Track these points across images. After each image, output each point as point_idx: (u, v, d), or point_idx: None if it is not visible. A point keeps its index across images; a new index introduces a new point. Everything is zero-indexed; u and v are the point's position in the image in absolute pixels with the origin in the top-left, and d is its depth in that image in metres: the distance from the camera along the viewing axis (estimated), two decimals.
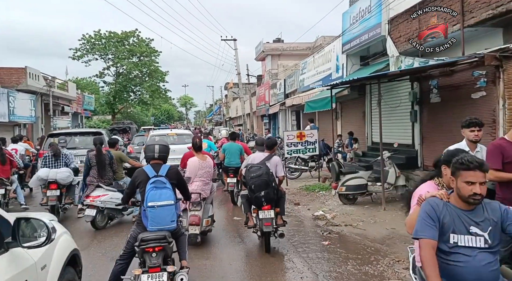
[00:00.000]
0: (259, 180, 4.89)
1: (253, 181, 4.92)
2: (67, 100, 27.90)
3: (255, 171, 4.98)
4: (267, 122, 29.72)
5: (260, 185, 4.88)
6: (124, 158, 7.24)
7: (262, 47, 28.76)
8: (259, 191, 4.87)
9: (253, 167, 5.08)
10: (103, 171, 6.45)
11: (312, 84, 16.25)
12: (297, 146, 10.03)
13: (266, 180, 4.91)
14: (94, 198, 6.20)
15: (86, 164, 6.54)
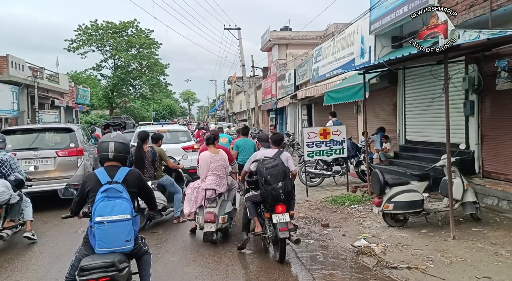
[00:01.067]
0: (275, 170, 4.51)
1: (268, 171, 4.53)
2: (58, 93, 25.90)
3: (270, 162, 4.62)
4: (274, 117, 27.61)
5: (277, 175, 4.48)
6: (164, 157, 6.53)
7: (268, 36, 26.55)
8: (276, 182, 4.45)
9: (267, 160, 4.71)
10: (142, 169, 5.92)
11: (329, 73, 14.11)
12: (320, 146, 7.92)
13: (284, 170, 4.57)
14: None
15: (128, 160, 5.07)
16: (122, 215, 2.69)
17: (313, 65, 16.17)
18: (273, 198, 4.44)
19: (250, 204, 4.82)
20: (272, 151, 5.04)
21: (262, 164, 4.65)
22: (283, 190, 4.42)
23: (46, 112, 19.80)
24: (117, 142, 2.92)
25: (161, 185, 6.34)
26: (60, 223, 6.50)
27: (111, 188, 2.73)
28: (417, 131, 9.72)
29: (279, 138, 5.19)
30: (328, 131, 7.96)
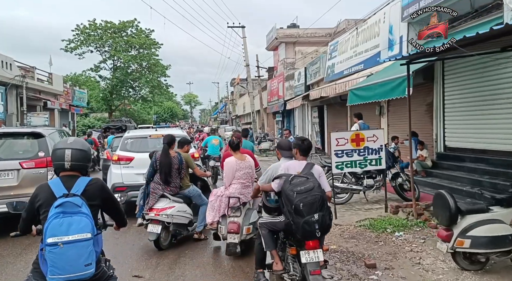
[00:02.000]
0: (310, 197, 3.26)
1: (301, 197, 3.26)
2: (52, 94, 24.40)
3: (303, 184, 3.36)
4: (280, 120, 26.02)
5: (312, 204, 3.24)
6: (191, 164, 5.60)
7: (275, 33, 24.99)
8: (311, 213, 3.23)
9: (297, 178, 3.45)
10: (169, 177, 5.22)
11: (347, 69, 12.53)
12: (351, 155, 6.31)
13: (321, 196, 3.31)
14: (159, 211, 5.07)
15: (151, 167, 5.32)
16: (81, 234, 2.29)
17: (327, 62, 14.58)
18: (306, 234, 3.30)
19: (267, 232, 3.71)
20: (299, 164, 3.77)
21: (290, 185, 3.39)
22: (320, 225, 3.25)
23: (35, 114, 18.28)
24: (75, 149, 2.50)
25: (187, 197, 5.43)
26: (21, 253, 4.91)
27: (68, 202, 2.34)
28: (462, 136, 8.11)
29: (309, 146, 3.90)
30: (361, 137, 6.35)
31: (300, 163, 3.77)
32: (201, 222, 5.43)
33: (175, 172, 5.21)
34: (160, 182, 5.19)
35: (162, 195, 5.16)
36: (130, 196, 6.70)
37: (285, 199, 3.40)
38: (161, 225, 4.97)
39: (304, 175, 3.50)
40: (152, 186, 5.21)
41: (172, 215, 5.04)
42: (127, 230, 5.58)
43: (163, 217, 4.98)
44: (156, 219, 4.99)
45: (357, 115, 8.98)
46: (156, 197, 5.13)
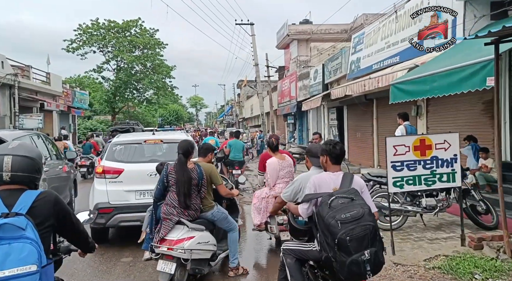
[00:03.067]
0: (360, 228, 2.41)
1: (347, 229, 2.39)
2: (50, 95, 22.97)
3: (347, 208, 2.48)
4: (292, 122, 24.37)
5: (363, 237, 2.40)
6: (215, 179, 4.22)
7: (286, 30, 23.40)
8: (360, 250, 2.39)
9: (339, 199, 2.53)
10: (187, 197, 3.82)
11: (377, 63, 10.88)
12: (414, 168, 4.66)
13: (374, 227, 2.47)
14: (173, 244, 3.68)
15: (161, 183, 3.96)
16: (22, 266, 1.74)
17: (351, 56, 12.94)
18: (352, 277, 2.46)
19: (293, 262, 2.96)
20: (334, 176, 2.89)
21: (331, 210, 2.51)
22: (372, 264, 2.43)
23: (28, 116, 16.82)
24: (18, 156, 1.97)
25: (210, 221, 4.12)
26: None
27: (7, 225, 1.79)
28: None
29: (342, 152, 3.01)
30: (428, 144, 4.68)
31: (335, 176, 2.88)
32: (235, 254, 4.28)
33: (194, 190, 3.92)
34: (175, 204, 3.86)
35: (178, 221, 3.85)
36: (118, 220, 5.12)
37: (324, 229, 2.53)
38: (175, 263, 3.70)
39: (347, 194, 2.60)
40: (164, 210, 3.89)
41: (190, 249, 3.72)
42: (132, 265, 4.73)
43: (179, 252, 3.70)
44: (169, 255, 3.71)
45: (402, 116, 7.31)
46: (170, 224, 3.82)
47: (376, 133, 12.89)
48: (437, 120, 9.61)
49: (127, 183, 5.19)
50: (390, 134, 12.32)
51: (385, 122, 12.32)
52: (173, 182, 3.88)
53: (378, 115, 12.75)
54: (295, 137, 23.22)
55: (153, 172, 5.15)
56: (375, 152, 12.92)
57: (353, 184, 2.81)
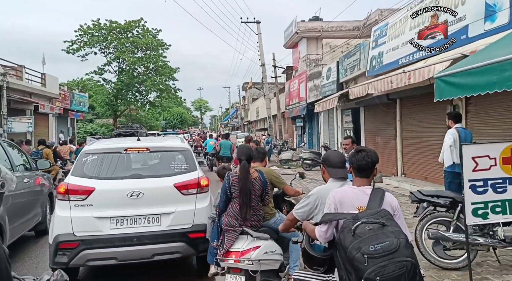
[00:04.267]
0: (394, 266, 1.87)
1: (377, 266, 1.86)
2: (46, 97, 21.78)
3: (377, 238, 1.95)
4: (301, 125, 22.99)
5: (398, 279, 1.86)
6: (278, 182, 4.10)
7: (295, 27, 22.07)
8: None
9: (366, 225, 2.00)
10: (250, 210, 3.52)
11: (405, 57, 9.48)
12: (503, 189, 3.24)
13: (413, 264, 1.91)
14: (239, 255, 3.43)
15: (224, 194, 3.61)
16: None
17: (371, 51, 11.55)
18: None
19: None
20: (360, 193, 2.26)
21: (355, 240, 1.95)
22: None
23: (17, 119, 15.59)
24: None
25: (273, 230, 3.66)
26: None
27: None
28: None
29: (370, 161, 2.28)
30: None
31: (361, 192, 2.29)
32: (295, 261, 3.74)
33: (258, 201, 3.65)
34: (236, 214, 3.55)
35: (242, 231, 3.54)
36: (85, 257, 3.77)
37: (347, 263, 1.97)
38: (244, 276, 3.40)
39: (377, 218, 2.02)
40: (226, 221, 3.61)
41: (258, 259, 3.39)
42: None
43: (246, 264, 3.38)
44: (236, 267, 3.42)
45: (454, 116, 5.92)
46: (234, 235, 3.54)
47: (400, 137, 11.46)
48: (480, 123, 8.18)
49: (99, 207, 3.85)
50: (416, 138, 10.98)
51: (411, 124, 10.92)
52: (236, 194, 3.55)
53: (403, 117, 11.33)
54: (305, 141, 21.80)
55: (136, 192, 3.80)
56: (399, 158, 11.48)
57: (384, 203, 2.25)
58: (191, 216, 4.05)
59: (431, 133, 9.95)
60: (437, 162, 9.81)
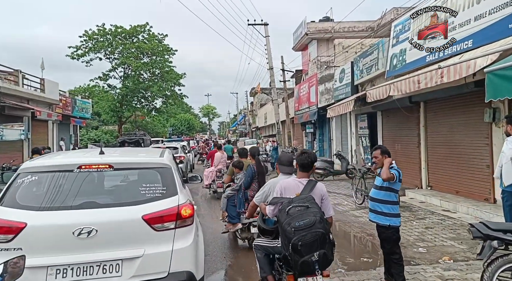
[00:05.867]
0: (310, 235, 2.83)
1: (300, 235, 2.83)
2: (45, 103, 20.94)
3: (301, 216, 2.90)
4: (311, 131, 21.71)
5: (312, 243, 2.83)
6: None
7: (304, 29, 20.93)
8: (310, 253, 2.84)
9: (295, 207, 2.98)
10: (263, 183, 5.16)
11: (433, 54, 8.22)
12: None
13: (323, 233, 2.88)
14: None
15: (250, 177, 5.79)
16: None
17: (391, 49, 10.34)
18: (304, 272, 2.92)
19: (263, 256, 3.42)
20: (298, 183, 3.29)
21: (288, 217, 2.92)
22: (320, 263, 2.86)
23: (9, 126, 14.64)
24: None
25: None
26: None
27: None
28: None
29: (310, 160, 3.32)
30: None
31: (299, 183, 3.31)
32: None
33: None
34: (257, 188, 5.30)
35: None
36: None
37: (282, 233, 3.00)
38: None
39: (303, 203, 3.00)
40: (251, 194, 5.68)
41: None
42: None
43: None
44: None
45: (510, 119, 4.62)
46: None
47: (425, 145, 10.19)
48: None
49: (32, 252, 2.68)
50: (444, 146, 9.68)
51: (438, 130, 9.65)
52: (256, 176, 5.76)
53: (428, 122, 10.06)
54: (316, 149, 20.53)
55: (87, 228, 2.65)
56: (423, 168, 10.19)
57: (314, 191, 3.21)
58: (167, 260, 2.88)
59: (462, 140, 8.69)
60: (471, 174, 8.55)
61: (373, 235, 6.34)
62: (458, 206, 7.89)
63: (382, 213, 3.99)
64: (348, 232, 6.81)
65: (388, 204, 3.99)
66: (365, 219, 7.64)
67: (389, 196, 4.00)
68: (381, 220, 3.99)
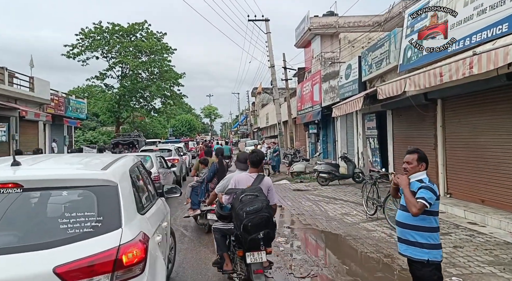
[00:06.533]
0: (257, 218, 3.62)
1: (249, 218, 3.61)
2: (35, 103, 19.92)
3: (251, 203, 3.67)
4: (315, 132, 20.64)
5: (259, 224, 3.63)
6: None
7: (307, 24, 19.87)
8: (256, 232, 3.64)
9: (246, 196, 3.75)
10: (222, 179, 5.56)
11: (457, 43, 7.15)
12: None
13: (268, 217, 3.70)
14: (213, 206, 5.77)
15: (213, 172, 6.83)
16: None
17: (405, 40, 9.24)
18: (251, 247, 3.78)
19: (220, 237, 4.26)
20: (250, 176, 4.12)
21: (240, 203, 3.69)
22: (264, 241, 3.73)
23: None
24: None
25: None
26: None
27: None
28: None
29: (258, 158, 4.20)
30: None
31: (250, 176, 4.09)
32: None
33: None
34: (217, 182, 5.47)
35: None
36: None
37: (235, 216, 3.72)
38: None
39: (253, 193, 3.75)
40: (212, 186, 6.53)
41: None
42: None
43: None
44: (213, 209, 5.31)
45: None
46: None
47: (442, 147, 9.10)
48: None
49: None
50: (466, 149, 8.58)
51: (458, 131, 8.57)
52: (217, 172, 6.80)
53: (446, 122, 8.97)
54: (319, 150, 19.43)
55: None
56: (441, 173, 9.10)
57: (262, 183, 3.99)
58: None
59: (488, 142, 7.61)
60: (500, 181, 7.43)
61: (392, 256, 5.27)
62: (487, 219, 6.79)
63: (416, 243, 2.92)
64: (360, 251, 5.73)
65: (425, 232, 2.91)
66: (379, 234, 6.57)
67: (426, 221, 2.93)
68: (416, 254, 2.92)
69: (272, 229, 3.73)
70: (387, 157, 12.27)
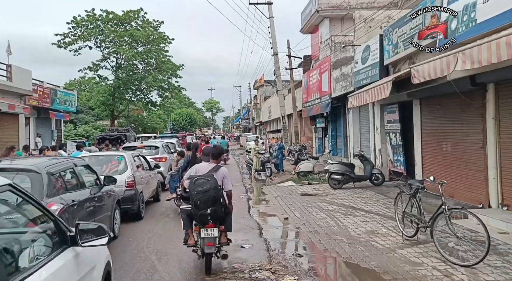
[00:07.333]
0: (205, 196, 4.52)
1: (198, 196, 4.53)
2: (14, 94, 18.00)
3: (201, 185, 4.58)
4: (323, 126, 18.64)
5: (206, 201, 4.52)
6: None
7: (315, 5, 17.79)
8: (205, 208, 4.53)
9: (199, 180, 4.66)
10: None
11: None
12: None
13: (214, 196, 4.56)
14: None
15: (187, 163, 7.59)
16: None
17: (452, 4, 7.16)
18: (201, 222, 4.64)
19: (185, 216, 4.97)
20: (209, 165, 5.02)
21: (194, 185, 4.60)
22: (212, 216, 4.55)
23: None
24: None
25: None
26: None
27: None
28: None
29: (217, 152, 5.16)
30: None
31: (207, 166, 5.00)
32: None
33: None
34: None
35: None
36: None
37: (190, 196, 4.65)
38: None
39: (205, 178, 4.64)
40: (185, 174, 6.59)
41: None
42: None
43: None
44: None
45: None
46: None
47: (495, 145, 7.10)
48: None
49: None
50: None
51: None
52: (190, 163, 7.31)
53: (501, 112, 6.97)
54: (329, 147, 17.39)
55: None
56: (492, 179, 7.11)
57: (217, 172, 4.85)
58: None
59: None
60: None
61: None
62: None
63: None
64: None
65: None
66: (425, 268, 4.63)
67: None
68: None
69: (219, 208, 4.57)
70: (412, 156, 10.28)
